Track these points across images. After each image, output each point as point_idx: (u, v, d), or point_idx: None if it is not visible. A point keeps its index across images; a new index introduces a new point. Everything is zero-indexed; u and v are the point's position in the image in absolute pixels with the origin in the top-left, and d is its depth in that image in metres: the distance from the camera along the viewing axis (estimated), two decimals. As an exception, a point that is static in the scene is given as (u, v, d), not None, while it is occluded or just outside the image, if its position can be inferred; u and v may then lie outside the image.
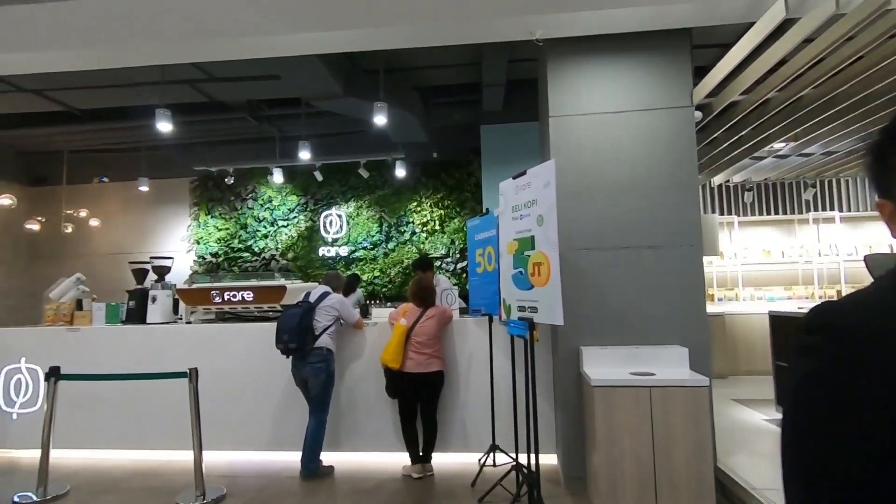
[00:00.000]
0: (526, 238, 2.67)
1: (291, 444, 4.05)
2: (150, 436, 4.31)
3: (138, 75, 4.96)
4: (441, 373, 3.83)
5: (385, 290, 7.72)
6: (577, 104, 3.66)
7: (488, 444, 3.87)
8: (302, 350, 3.72)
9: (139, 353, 4.38)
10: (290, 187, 8.01)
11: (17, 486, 3.70)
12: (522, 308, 2.72)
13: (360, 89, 5.17)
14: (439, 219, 7.65)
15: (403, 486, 3.63)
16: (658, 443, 2.83)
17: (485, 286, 3.85)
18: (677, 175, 3.52)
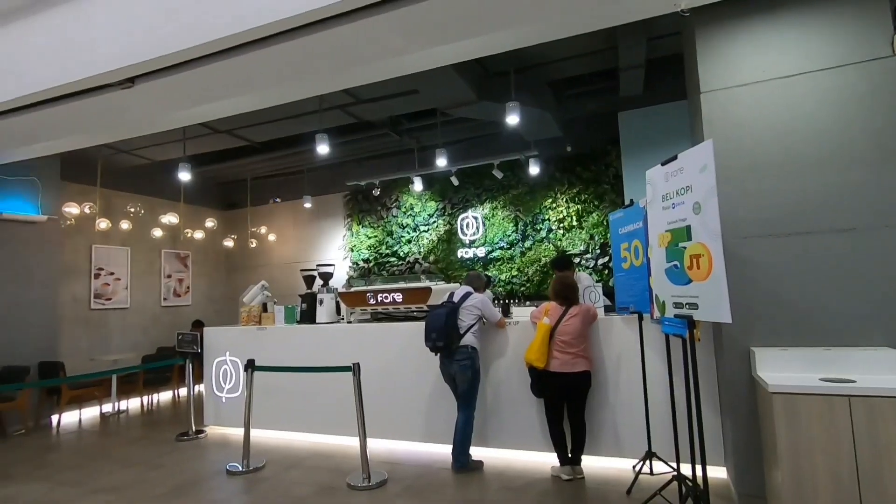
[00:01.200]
0: (680, 228, 2.45)
1: (442, 437, 4.26)
2: (324, 422, 4.90)
3: (301, 108, 5.69)
4: (588, 373, 3.70)
5: (523, 290, 7.70)
6: (734, 75, 3.25)
7: (643, 450, 3.64)
8: (449, 348, 3.90)
9: (311, 349, 5.01)
10: (430, 194, 8.45)
11: (228, 457, 4.50)
12: (679, 304, 2.50)
13: (492, 92, 5.25)
14: (576, 214, 7.39)
15: (553, 486, 3.58)
16: (863, 463, 2.37)
17: (632, 282, 3.62)
18: (876, 142, 2.92)
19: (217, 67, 3.01)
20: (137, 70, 3.06)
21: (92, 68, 3.11)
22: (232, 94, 3.39)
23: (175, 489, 3.86)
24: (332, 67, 2.97)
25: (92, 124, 3.89)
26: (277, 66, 3.00)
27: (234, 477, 4.07)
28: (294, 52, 2.80)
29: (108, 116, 3.74)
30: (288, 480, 3.94)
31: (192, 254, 9.31)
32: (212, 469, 4.28)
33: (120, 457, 4.79)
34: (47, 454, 5.05)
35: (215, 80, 3.20)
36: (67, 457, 4.94)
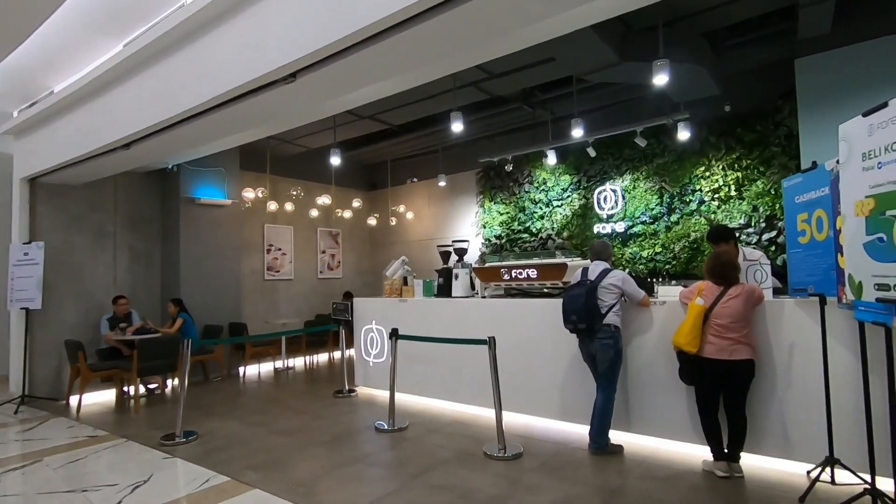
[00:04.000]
0: (890, 192, 1.98)
1: (579, 417, 4.16)
2: (463, 391, 5.11)
3: (435, 88, 5.82)
4: (751, 362, 3.27)
5: (668, 268, 7.07)
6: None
7: (821, 455, 3.13)
8: (591, 329, 3.75)
9: (448, 322, 5.22)
10: (563, 167, 8.13)
11: (376, 415, 4.94)
12: (884, 286, 2.04)
13: (636, 51, 4.79)
14: (735, 182, 6.50)
15: (705, 482, 3.27)
16: None
17: (813, 259, 3.07)
18: None
19: (364, 55, 3.20)
20: (298, 65, 3.40)
21: (262, 67, 3.54)
22: (378, 78, 3.59)
23: (335, 438, 4.38)
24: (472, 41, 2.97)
25: (263, 118, 4.45)
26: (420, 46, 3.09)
27: (382, 434, 4.47)
28: (435, 30, 2.85)
29: (275, 110, 4.24)
30: (429, 442, 4.20)
31: (341, 231, 10.28)
32: (363, 424, 4.75)
33: (291, 406, 5.57)
34: (238, 398, 6.09)
35: (364, 68, 3.41)
36: (252, 401, 5.91)
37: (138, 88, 4.64)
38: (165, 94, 4.35)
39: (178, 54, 4.21)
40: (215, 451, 4.10)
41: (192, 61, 4.11)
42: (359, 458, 3.88)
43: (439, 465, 3.70)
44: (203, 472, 3.66)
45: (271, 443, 4.28)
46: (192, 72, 4.11)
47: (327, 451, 4.06)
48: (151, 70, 4.49)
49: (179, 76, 4.23)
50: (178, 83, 4.23)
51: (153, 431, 4.66)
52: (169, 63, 4.32)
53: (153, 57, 4.41)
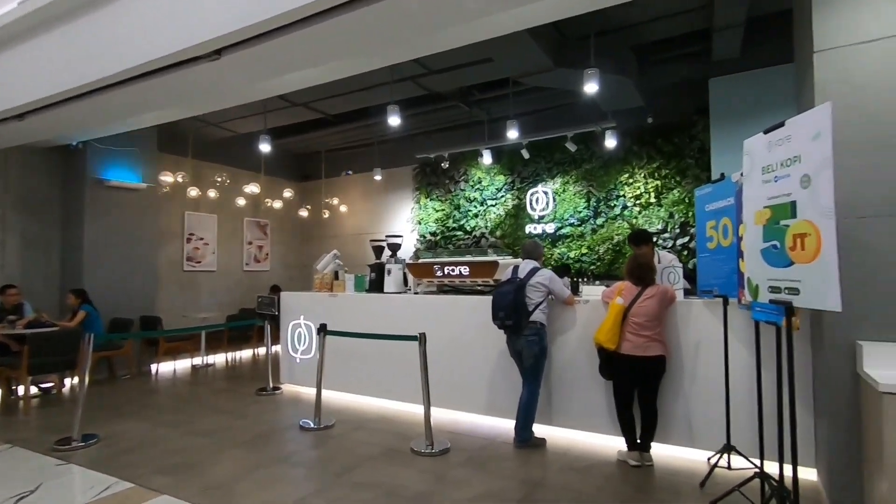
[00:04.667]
0: (783, 204, 2.19)
1: (506, 412, 4.26)
2: (391, 387, 5.06)
3: (372, 79, 5.71)
4: (663, 358, 3.50)
5: (593, 268, 7.42)
6: (858, 30, 2.82)
7: (720, 442, 3.42)
8: (518, 326, 3.84)
9: (379, 317, 5.15)
10: (498, 167, 8.29)
11: (301, 413, 4.78)
12: (776, 289, 2.26)
13: (570, 59, 4.97)
14: (655, 190, 6.95)
15: (619, 471, 3.47)
16: None
17: (718, 263, 3.34)
18: None
19: (295, 38, 3.06)
20: (224, 42, 3.19)
21: (182, 41, 3.28)
22: (310, 64, 3.45)
23: (257, 437, 4.18)
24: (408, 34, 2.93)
25: (184, 97, 4.14)
26: (354, 34, 3.00)
27: (307, 432, 4.32)
28: (370, 19, 2.78)
29: (198, 89, 3.95)
30: (355, 439, 4.12)
31: (270, 222, 9.84)
32: (287, 423, 4.57)
33: (210, 404, 5.25)
34: (149, 397, 5.65)
35: (294, 51, 3.26)
36: (166, 400, 5.50)
37: (37, 53, 4.15)
38: (69, 62, 3.91)
39: (87, 18, 3.81)
40: (119, 455, 3.77)
41: (104, 27, 3.73)
42: (281, 458, 3.73)
43: (365, 462, 3.64)
44: (103, 479, 3.35)
45: (185, 444, 4.01)
46: (103, 39, 3.73)
47: (247, 451, 3.87)
48: (54, 33, 4.02)
49: (86, 42, 3.82)
50: (84, 50, 3.82)
51: (46, 435, 4.20)
52: (75, 27, 3.89)
53: (57, 18, 3.95)
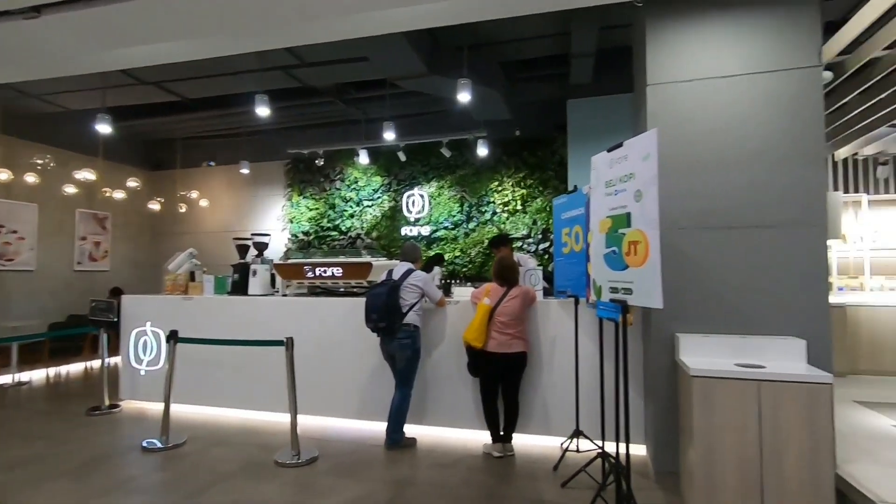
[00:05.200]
0: (621, 215, 2.50)
1: (378, 415, 4.22)
2: (254, 397, 4.71)
3: (239, 64, 5.29)
4: (524, 354, 3.77)
5: (465, 270, 7.74)
6: (681, 70, 3.34)
7: (571, 429, 3.78)
8: (391, 328, 3.83)
9: (243, 322, 4.77)
10: (375, 168, 8.23)
11: (145, 433, 4.22)
12: (615, 289, 2.57)
13: (444, 67, 5.13)
14: (521, 198, 7.49)
15: (484, 463, 3.64)
16: (766, 443, 2.58)
17: (571, 267, 3.70)
18: (800, 146, 3.12)
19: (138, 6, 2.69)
20: (44, -1, 2.69)
21: (-13, -8, 2.70)
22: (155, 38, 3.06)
23: (83, 465, 3.58)
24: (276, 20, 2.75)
25: (-11, 59, 3.40)
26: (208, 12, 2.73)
27: (151, 453, 3.83)
28: None
29: (12, 49, 3.28)
30: (211, 457, 3.75)
31: (111, 215, 8.57)
32: (126, 445, 4.00)
33: (22, 431, 4.37)
34: (-70, 429, 4.52)
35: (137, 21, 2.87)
36: (-45, 432, 4.45)
37: None
38: None
39: None
40: None
41: None
42: (116, 486, 3.24)
43: (221, 480, 3.33)
44: None
45: (-18, 483, 3.28)
46: None
47: (72, 482, 3.29)
48: None
49: None
50: None
51: None
52: None
53: None
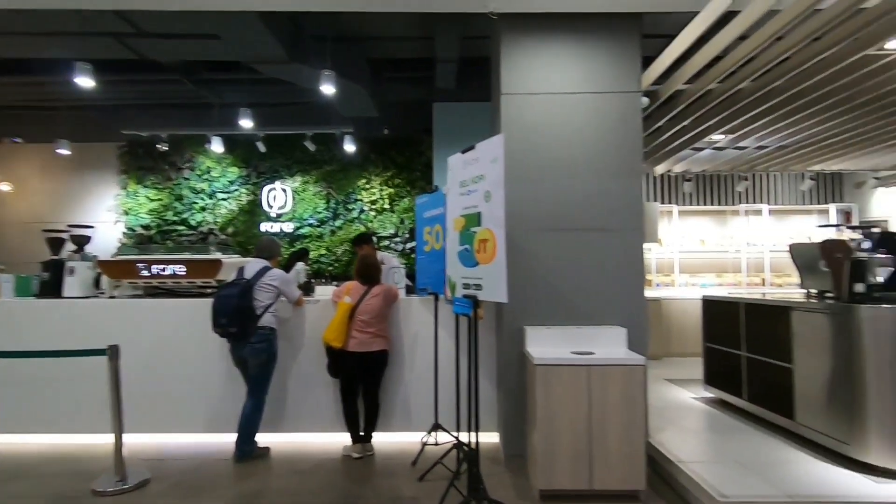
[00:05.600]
0: (472, 214, 2.63)
1: (230, 426, 3.87)
2: (67, 418, 3.99)
3: (57, 23, 4.45)
4: (385, 352, 3.76)
5: (331, 269, 7.52)
6: (530, 83, 3.63)
7: (431, 423, 3.87)
8: (243, 333, 3.53)
9: (54, 330, 4.02)
10: (231, 158, 7.59)
11: None
12: (467, 285, 2.69)
13: (306, 56, 4.90)
14: (389, 197, 7.51)
15: (343, 466, 3.56)
16: (594, 420, 2.91)
17: (431, 265, 3.79)
18: (624, 160, 3.59)
19: None
20: None
21: None
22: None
23: None
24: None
25: None
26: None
27: (-88, 501, 3.03)
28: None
29: None
30: (7, 494, 3.09)
31: None
32: None
33: None
34: None
35: None
36: None
37: None
38: None
39: None
40: None
41: None
42: None
43: (16, 523, 2.76)
44: None
45: None
46: None
47: None
48: None
49: None
50: None
51: None
52: None
53: None
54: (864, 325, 2.90)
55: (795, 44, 3.03)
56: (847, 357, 2.97)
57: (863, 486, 2.71)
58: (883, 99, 4.10)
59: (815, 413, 3.23)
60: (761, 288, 7.65)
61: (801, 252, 3.97)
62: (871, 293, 2.99)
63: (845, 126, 4.90)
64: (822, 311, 3.19)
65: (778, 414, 3.59)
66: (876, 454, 2.85)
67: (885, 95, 4.01)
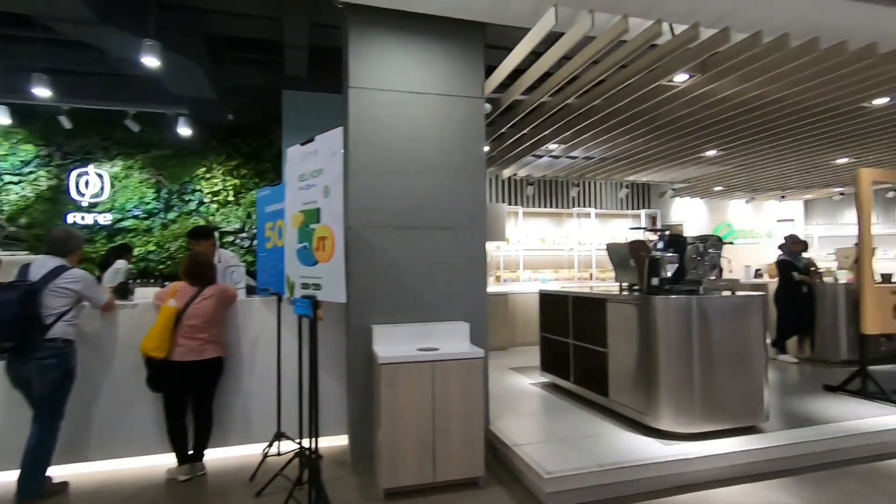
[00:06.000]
0: (312, 210, 2.49)
1: (9, 461, 3.15)
2: None
3: None
4: (219, 359, 3.40)
5: (163, 268, 6.64)
6: (378, 78, 3.58)
7: (274, 432, 3.62)
8: (25, 347, 2.88)
9: None
10: (25, 134, 6.23)
11: None
12: (306, 285, 2.55)
13: (121, 20, 4.19)
14: (234, 189, 6.88)
15: (166, 491, 3.14)
16: (437, 413, 2.98)
17: (274, 263, 3.54)
18: (468, 162, 3.74)
19: None
20: None
21: None
22: None
23: None
24: None
25: None
26: None
27: None
28: None
29: None
30: None
31: None
32: None
33: None
34: None
35: None
36: None
37: None
38: None
39: None
40: None
41: None
42: None
43: None
44: None
45: None
46: None
47: None
48: None
49: None
50: None
51: None
52: None
53: None
54: (657, 312, 3.43)
55: (608, 69, 3.47)
56: (645, 340, 3.50)
57: (655, 449, 3.21)
58: (673, 124, 4.92)
59: (623, 389, 3.75)
60: (590, 282, 8.71)
61: (615, 251, 4.57)
62: (662, 286, 3.56)
63: (649, 144, 5.79)
64: (629, 302, 3.70)
65: (596, 393, 4.09)
66: (665, 421, 3.40)
67: (675, 121, 4.82)
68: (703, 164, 6.96)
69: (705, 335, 3.42)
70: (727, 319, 3.48)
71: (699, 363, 3.39)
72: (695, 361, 3.39)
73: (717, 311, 3.46)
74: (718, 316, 3.46)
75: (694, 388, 3.38)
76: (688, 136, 5.41)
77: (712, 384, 3.41)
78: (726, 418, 3.45)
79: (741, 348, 3.50)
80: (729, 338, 3.47)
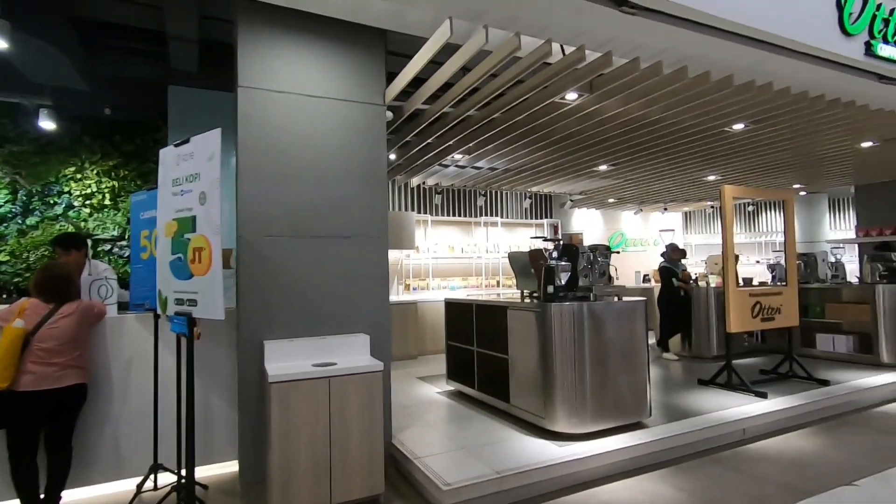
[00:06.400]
0: (187, 218, 2.26)
1: None
2: None
3: None
4: (82, 386, 2.97)
5: (19, 280, 5.76)
6: (273, 79, 3.39)
7: (150, 463, 3.24)
8: None
9: None
10: None
11: None
12: (180, 301, 2.30)
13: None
14: (111, 192, 6.16)
15: (7, 546, 2.67)
16: (335, 431, 2.84)
17: (150, 275, 3.16)
18: (369, 169, 3.65)
19: None
20: None
21: None
22: None
23: None
24: None
25: None
26: None
27: None
28: None
29: None
30: None
31: None
32: None
33: None
34: None
35: None
36: None
37: None
38: None
39: None
40: None
41: None
42: None
43: None
44: None
45: None
46: None
47: None
48: None
49: None
50: None
51: None
52: None
53: None
54: (552, 319, 3.58)
55: (505, 83, 3.58)
56: (542, 346, 3.62)
57: (551, 451, 3.32)
58: (568, 139, 5.22)
59: (523, 394, 3.85)
60: (496, 289, 8.95)
61: (516, 259, 4.72)
62: (557, 293, 3.72)
63: (547, 158, 6.09)
64: (527, 309, 3.82)
65: (499, 399, 4.17)
66: (561, 423, 3.54)
67: (569, 136, 5.11)
68: (596, 178, 7.48)
69: (595, 339, 3.62)
70: (614, 324, 3.71)
71: (590, 366, 3.58)
72: (586, 365, 3.57)
73: (605, 316, 3.68)
74: (606, 321, 3.68)
75: (586, 390, 3.56)
76: (581, 152, 5.77)
77: (602, 386, 3.62)
78: (615, 416, 3.67)
79: (627, 350, 3.75)
80: (616, 341, 3.71)
